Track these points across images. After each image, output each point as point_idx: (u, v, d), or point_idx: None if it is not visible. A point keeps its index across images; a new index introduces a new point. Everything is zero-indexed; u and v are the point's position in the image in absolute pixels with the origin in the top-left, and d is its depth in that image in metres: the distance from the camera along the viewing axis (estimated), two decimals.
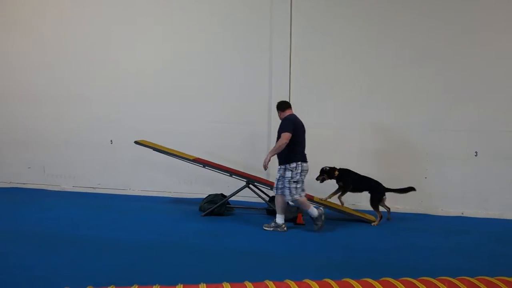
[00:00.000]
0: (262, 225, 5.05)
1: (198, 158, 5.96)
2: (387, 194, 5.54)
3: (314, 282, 2.27)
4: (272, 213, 5.70)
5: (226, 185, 6.32)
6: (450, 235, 5.01)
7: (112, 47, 7.07)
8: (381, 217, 5.36)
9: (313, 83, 6.43)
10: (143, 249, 4.20)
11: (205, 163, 5.83)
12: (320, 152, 5.76)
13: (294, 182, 4.78)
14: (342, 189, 5.55)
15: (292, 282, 2.26)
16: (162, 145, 6.07)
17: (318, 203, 5.54)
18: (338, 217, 5.58)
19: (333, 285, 2.25)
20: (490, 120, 5.94)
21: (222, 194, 5.95)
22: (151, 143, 5.98)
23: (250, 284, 2.20)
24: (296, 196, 4.82)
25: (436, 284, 2.31)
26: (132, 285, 2.16)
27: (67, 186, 7.27)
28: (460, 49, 5.97)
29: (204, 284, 2.16)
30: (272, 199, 5.87)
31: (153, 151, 5.97)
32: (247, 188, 5.70)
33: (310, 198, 5.61)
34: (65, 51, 7.21)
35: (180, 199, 6.75)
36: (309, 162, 4.98)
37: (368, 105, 6.26)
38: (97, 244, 4.31)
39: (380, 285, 2.29)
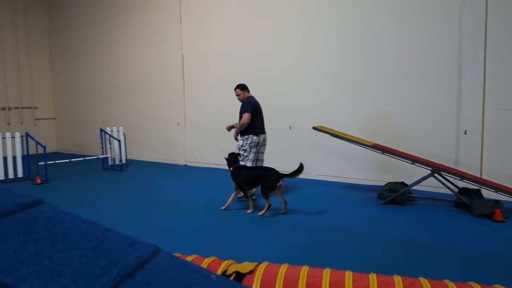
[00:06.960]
0: (447, 218, 4.58)
1: (377, 144, 5.77)
2: None
3: None
4: (461, 206, 5.13)
5: (405, 173, 5.97)
6: None
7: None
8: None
9: None
10: (320, 231, 4.33)
11: (384, 150, 5.61)
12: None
13: (243, 150, 5.53)
14: None
15: (477, 285, 1.96)
16: (338, 130, 6.10)
17: None
18: None
19: None
20: None
21: (402, 183, 5.66)
22: (329, 128, 6.08)
23: (425, 280, 1.99)
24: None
25: None
26: (302, 265, 2.16)
27: None
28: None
29: (374, 274, 2.04)
30: (461, 190, 5.27)
31: (330, 137, 6.06)
32: (431, 178, 5.25)
33: None
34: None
35: (355, 185, 6.71)
36: None
37: None
38: (277, 224, 4.64)
39: None
